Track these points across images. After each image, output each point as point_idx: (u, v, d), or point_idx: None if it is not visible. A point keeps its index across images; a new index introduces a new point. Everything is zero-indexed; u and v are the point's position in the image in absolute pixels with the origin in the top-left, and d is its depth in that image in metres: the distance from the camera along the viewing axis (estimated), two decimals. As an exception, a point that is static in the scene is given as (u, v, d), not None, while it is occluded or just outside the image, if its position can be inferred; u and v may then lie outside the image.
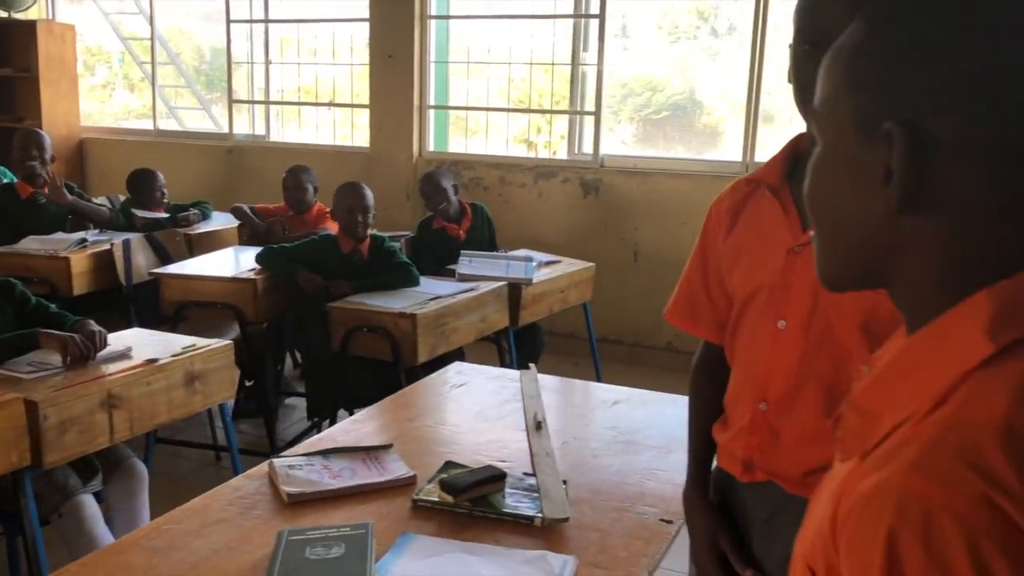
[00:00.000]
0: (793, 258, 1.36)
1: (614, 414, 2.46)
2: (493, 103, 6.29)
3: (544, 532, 1.75)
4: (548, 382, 2.72)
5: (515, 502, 1.84)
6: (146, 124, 7.37)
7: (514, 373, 2.83)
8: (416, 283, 3.90)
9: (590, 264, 4.75)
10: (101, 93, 8.23)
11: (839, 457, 0.74)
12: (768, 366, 1.40)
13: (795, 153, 1.42)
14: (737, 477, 1.47)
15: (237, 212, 4.76)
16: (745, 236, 1.45)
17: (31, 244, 4.21)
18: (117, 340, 2.81)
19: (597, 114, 5.60)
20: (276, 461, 1.97)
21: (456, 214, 4.63)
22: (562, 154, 6.01)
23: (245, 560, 1.60)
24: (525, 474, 1.99)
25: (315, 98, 6.78)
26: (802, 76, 1.29)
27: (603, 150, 5.67)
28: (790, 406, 1.38)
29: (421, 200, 4.70)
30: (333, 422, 3.33)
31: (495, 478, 1.88)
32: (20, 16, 7.14)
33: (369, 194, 3.98)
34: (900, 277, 0.71)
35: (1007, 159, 0.65)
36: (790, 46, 1.32)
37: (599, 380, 4.10)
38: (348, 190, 3.97)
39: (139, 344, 2.84)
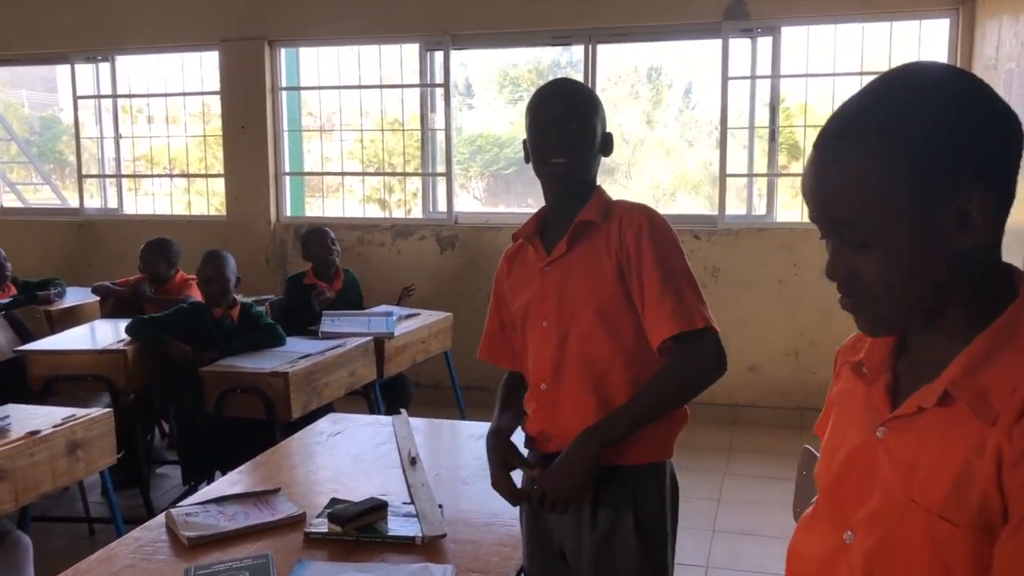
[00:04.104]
0: (544, 274, 1.85)
1: (480, 446, 2.70)
2: (347, 166, 6.52)
3: (425, 549, 1.98)
4: (418, 424, 2.95)
5: (397, 526, 2.07)
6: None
7: (386, 419, 3.05)
8: (283, 342, 4.06)
9: (448, 314, 5.03)
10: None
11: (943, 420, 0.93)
12: (540, 355, 1.84)
13: (543, 216, 1.93)
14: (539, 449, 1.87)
15: (99, 290, 4.79)
16: (517, 272, 1.95)
17: None
18: (-8, 416, 2.87)
19: (448, 175, 5.91)
20: (173, 510, 2.13)
21: (330, 273, 4.84)
22: (416, 212, 6.29)
23: (157, 596, 1.76)
24: (404, 503, 2.22)
25: (166, 169, 6.82)
26: None
27: (456, 207, 5.99)
28: (560, 379, 1.81)
29: (305, 250, 4.89)
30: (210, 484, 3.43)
31: (378, 507, 2.11)
32: None
33: (227, 261, 4.04)
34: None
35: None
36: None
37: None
38: (204, 261, 4.05)
39: (16, 418, 2.90)
